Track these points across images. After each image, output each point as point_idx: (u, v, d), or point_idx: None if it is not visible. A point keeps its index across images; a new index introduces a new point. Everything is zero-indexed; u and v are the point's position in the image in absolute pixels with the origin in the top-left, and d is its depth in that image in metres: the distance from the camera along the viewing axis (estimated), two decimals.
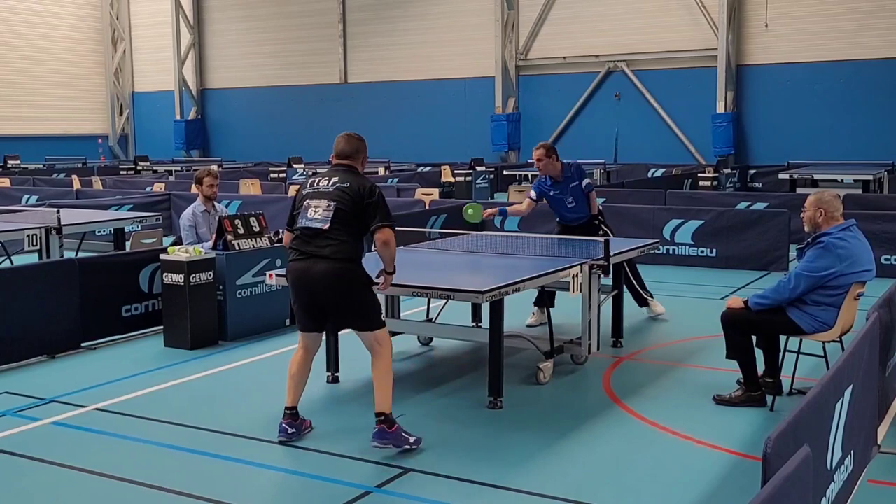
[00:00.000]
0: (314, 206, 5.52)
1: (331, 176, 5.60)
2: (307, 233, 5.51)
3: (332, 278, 5.45)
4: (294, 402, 5.73)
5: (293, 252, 5.61)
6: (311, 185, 5.66)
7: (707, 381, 6.82)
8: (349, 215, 5.47)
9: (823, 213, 5.99)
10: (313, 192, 5.59)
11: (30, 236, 9.73)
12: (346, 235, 5.47)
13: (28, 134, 31.30)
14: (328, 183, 5.56)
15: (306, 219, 5.53)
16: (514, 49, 27.19)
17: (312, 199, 5.56)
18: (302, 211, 5.58)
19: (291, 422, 5.68)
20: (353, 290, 5.53)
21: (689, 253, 12.48)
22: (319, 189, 5.57)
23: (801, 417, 3.43)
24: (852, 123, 22.47)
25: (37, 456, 5.45)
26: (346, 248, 5.46)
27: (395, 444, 5.40)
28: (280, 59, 31.30)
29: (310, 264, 5.47)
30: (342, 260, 5.45)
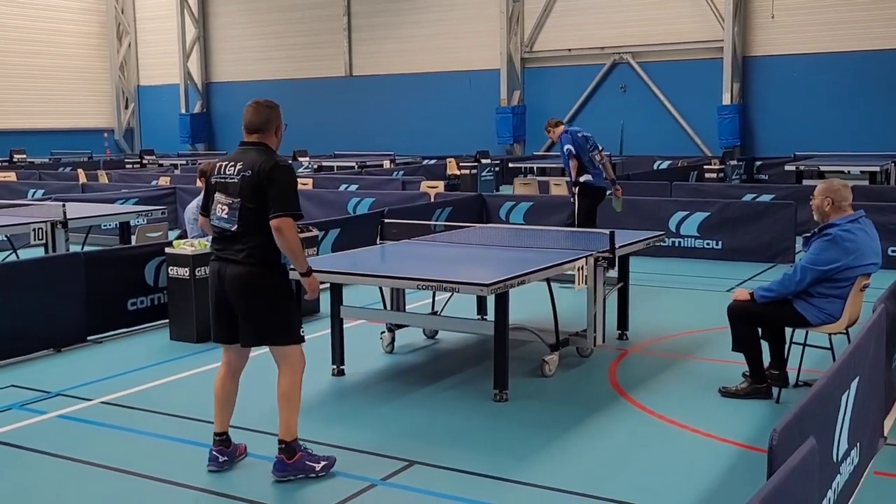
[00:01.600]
0: (221, 201, 4.92)
1: (237, 160, 4.91)
2: (218, 232, 4.97)
3: (240, 283, 4.86)
4: (222, 428, 5.13)
5: (211, 249, 5.09)
6: (218, 172, 4.97)
7: (713, 373, 6.81)
8: (255, 211, 4.80)
9: (831, 203, 5.96)
10: (220, 183, 4.94)
11: (36, 230, 9.74)
12: (257, 235, 4.81)
13: (34, 128, 31.35)
14: (234, 170, 4.88)
15: (216, 217, 4.95)
16: (520, 41, 27.13)
17: (219, 192, 4.93)
18: (212, 205, 4.99)
19: (223, 449, 5.10)
20: (263, 298, 4.89)
21: (695, 245, 12.45)
22: (225, 178, 4.91)
23: (806, 409, 3.42)
24: (859, 114, 22.38)
25: (43, 449, 5.46)
26: (259, 251, 4.83)
27: (297, 475, 4.93)
28: (285, 52, 31.28)
29: (221, 266, 4.93)
30: (253, 264, 4.84)
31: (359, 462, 5.21)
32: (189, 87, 33.55)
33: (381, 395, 6.52)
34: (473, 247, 7.80)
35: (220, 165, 5.00)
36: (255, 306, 4.91)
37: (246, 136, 4.99)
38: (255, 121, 4.97)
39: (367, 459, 5.25)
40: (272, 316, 4.95)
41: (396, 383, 6.83)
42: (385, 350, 7.60)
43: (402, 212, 11.87)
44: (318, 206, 15.06)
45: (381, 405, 6.29)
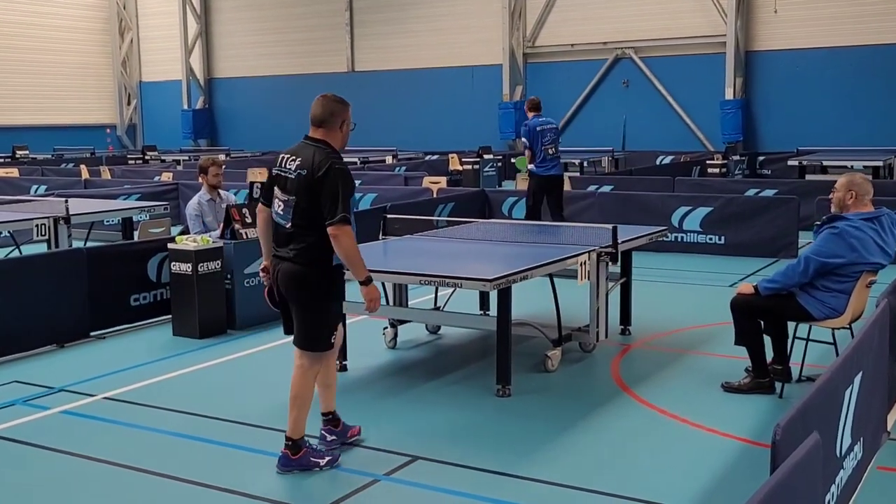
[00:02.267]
0: (278, 197, 4.90)
1: (297, 154, 4.87)
2: (276, 228, 4.98)
3: (288, 281, 4.89)
4: (327, 408, 5.29)
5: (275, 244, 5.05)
6: (280, 164, 4.94)
7: (715, 368, 6.80)
8: (309, 211, 4.76)
9: (854, 196, 5.91)
10: (280, 176, 4.91)
11: (38, 226, 9.75)
12: (310, 234, 4.79)
13: (36, 124, 31.34)
14: (293, 166, 4.84)
15: (274, 212, 4.95)
16: (522, 36, 27.09)
17: (279, 187, 4.92)
18: (273, 198, 4.97)
19: (331, 428, 5.30)
20: (302, 297, 4.89)
21: (698, 240, 12.43)
22: (285, 173, 4.88)
23: (810, 404, 3.42)
24: (862, 109, 22.33)
25: (46, 445, 5.47)
26: (309, 251, 4.81)
27: (301, 469, 4.97)
28: (287, 47, 31.25)
29: (277, 262, 4.97)
30: (302, 263, 4.83)
31: (362, 457, 5.21)
32: (191, 83, 33.53)
33: (384, 391, 6.52)
34: (476, 242, 7.80)
35: (283, 157, 4.93)
36: (296, 305, 4.92)
37: (311, 131, 4.93)
38: (319, 114, 4.89)
39: (370, 455, 5.25)
40: (306, 316, 4.93)
41: (399, 379, 6.83)
42: (388, 346, 7.60)
43: (404, 207, 11.86)
44: None
45: (383, 401, 6.29)
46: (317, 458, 5.03)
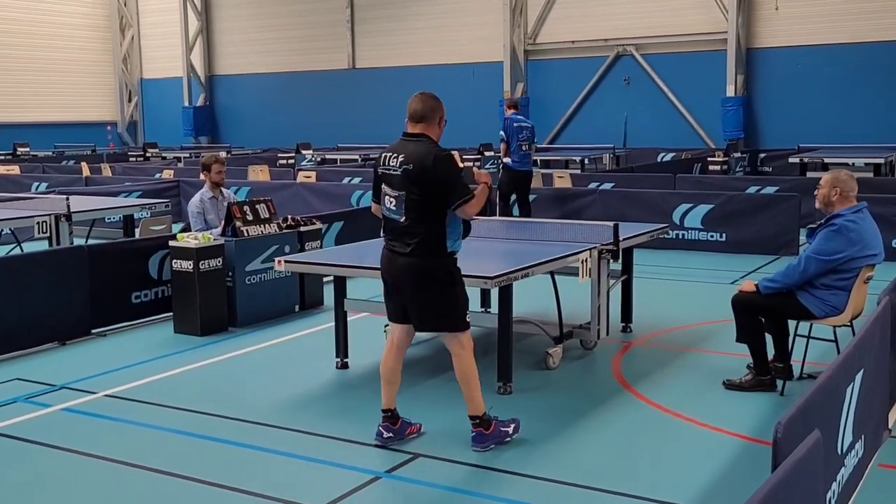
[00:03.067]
0: (388, 193, 5.07)
1: (399, 151, 5.05)
2: (389, 223, 5.13)
3: (409, 274, 5.06)
4: (389, 404, 5.36)
5: (384, 238, 5.24)
6: (384, 163, 5.11)
7: (717, 365, 6.80)
8: (420, 203, 4.95)
9: (839, 193, 5.95)
10: (385, 174, 5.10)
11: (39, 223, 9.75)
12: (424, 227, 4.98)
13: (37, 121, 31.34)
14: (397, 162, 5.02)
15: (385, 207, 5.12)
16: (523, 33, 27.06)
17: (386, 184, 5.09)
18: (382, 195, 5.15)
19: (389, 425, 5.34)
20: (431, 288, 5.07)
21: (699, 237, 12.43)
22: (390, 170, 5.05)
23: (811, 402, 3.42)
24: (864, 107, 22.30)
25: (48, 442, 5.48)
26: (426, 243, 5.00)
27: (497, 443, 5.22)
28: (288, 44, 31.22)
29: (393, 256, 5.13)
30: (420, 255, 5.01)
31: (363, 455, 5.22)
32: (192, 80, 33.50)
33: None
34: (477, 239, 7.78)
35: (386, 156, 5.10)
36: (423, 295, 5.10)
37: (410, 127, 5.11)
38: (420, 109, 5.09)
39: (372, 452, 5.26)
40: (439, 305, 5.13)
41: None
42: None
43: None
44: (321, 199, 15.07)
45: None
46: (505, 427, 5.29)
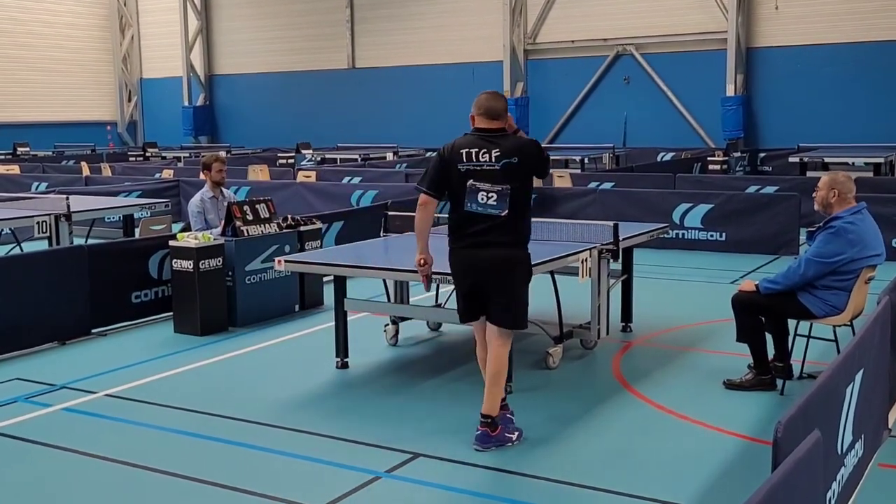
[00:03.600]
0: (485, 189, 5.04)
1: (489, 146, 5.08)
2: (478, 219, 5.10)
3: (504, 264, 5.15)
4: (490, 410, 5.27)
5: (461, 235, 5.19)
6: (469, 160, 5.08)
7: (717, 365, 6.80)
8: (521, 195, 5.11)
9: (837, 194, 5.95)
10: (477, 171, 5.06)
11: (39, 223, 9.75)
12: (520, 218, 5.15)
13: (37, 121, 31.33)
14: (490, 157, 5.05)
15: (477, 204, 5.06)
16: (523, 33, 27.05)
17: (479, 181, 5.05)
18: (469, 193, 5.07)
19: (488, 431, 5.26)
20: (518, 277, 5.21)
21: (699, 237, 12.43)
22: (482, 165, 5.05)
23: (811, 402, 3.42)
24: (863, 106, 22.29)
25: (48, 442, 5.47)
26: (521, 234, 5.20)
27: (497, 446, 5.22)
28: (288, 44, 31.21)
29: (479, 251, 5.14)
30: (516, 245, 5.19)
31: (363, 454, 5.22)
32: (192, 80, 33.49)
33: (385, 388, 6.52)
34: None
35: (468, 153, 5.10)
36: (514, 286, 5.20)
37: (486, 123, 5.17)
38: (496, 107, 5.19)
39: (372, 452, 5.26)
40: (516, 296, 5.24)
41: (400, 376, 6.84)
42: (389, 342, 7.60)
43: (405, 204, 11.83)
44: (321, 199, 15.07)
45: (384, 397, 6.29)
46: (510, 433, 5.29)
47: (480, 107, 5.19)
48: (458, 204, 5.17)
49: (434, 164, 5.25)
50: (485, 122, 5.18)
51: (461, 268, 5.28)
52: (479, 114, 5.19)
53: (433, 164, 5.27)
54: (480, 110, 5.18)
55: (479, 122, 5.20)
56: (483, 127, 5.18)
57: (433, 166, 5.26)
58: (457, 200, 5.17)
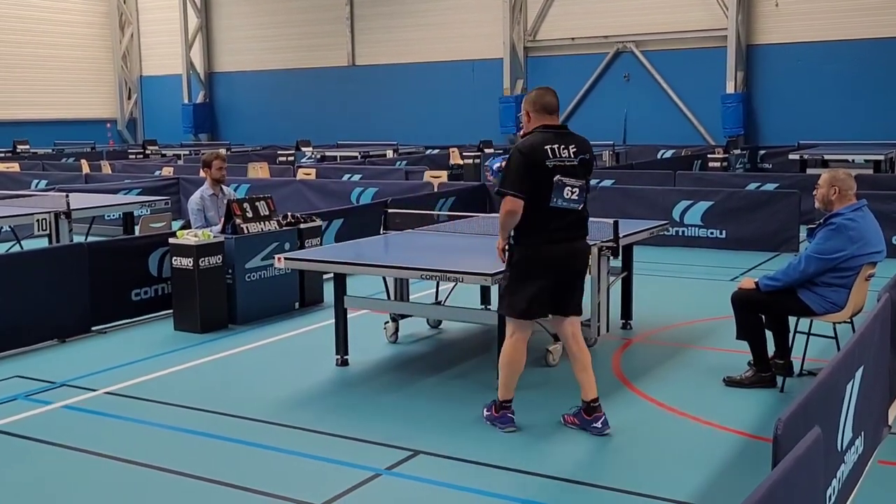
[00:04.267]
0: (570, 184, 5.15)
1: (565, 142, 5.20)
2: (563, 214, 5.19)
3: (585, 258, 5.46)
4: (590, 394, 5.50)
5: (541, 231, 5.19)
6: (554, 156, 5.14)
7: (717, 362, 6.81)
8: (588, 190, 5.36)
9: (837, 192, 5.95)
10: (561, 166, 5.14)
11: (39, 221, 9.75)
12: (587, 211, 5.38)
13: (37, 119, 31.32)
14: (569, 153, 5.17)
15: (563, 199, 5.15)
16: (523, 30, 27.04)
17: (565, 176, 5.14)
18: (556, 188, 5.13)
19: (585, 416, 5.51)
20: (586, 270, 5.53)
21: (699, 234, 12.43)
22: (564, 161, 5.15)
23: (811, 399, 3.42)
24: (863, 103, 22.29)
25: (48, 439, 5.48)
26: (587, 227, 5.45)
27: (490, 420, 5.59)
28: (288, 41, 31.20)
29: (570, 245, 5.28)
30: (586, 238, 5.47)
31: (363, 452, 5.22)
32: (192, 77, 33.49)
33: (385, 385, 6.53)
34: (477, 236, 7.79)
35: (551, 149, 5.14)
36: (584, 275, 5.49)
37: (551, 119, 5.28)
38: (555, 102, 5.32)
39: (372, 449, 5.26)
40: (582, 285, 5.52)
41: (400, 373, 6.84)
42: (389, 340, 7.60)
43: (405, 202, 11.86)
44: (321, 196, 15.07)
45: (384, 395, 6.30)
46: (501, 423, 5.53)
47: (544, 104, 5.27)
48: (541, 200, 5.14)
49: (518, 167, 5.15)
50: (550, 119, 5.27)
51: (546, 263, 5.26)
52: (543, 111, 5.26)
53: (516, 167, 5.15)
54: (545, 107, 5.27)
55: (545, 119, 5.27)
56: (551, 124, 5.27)
57: (517, 169, 5.15)
58: (540, 197, 5.14)
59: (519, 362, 5.49)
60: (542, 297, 5.32)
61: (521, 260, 5.28)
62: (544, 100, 5.27)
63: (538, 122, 5.26)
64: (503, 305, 5.53)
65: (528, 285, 5.28)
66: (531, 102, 5.29)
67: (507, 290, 5.42)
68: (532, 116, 5.28)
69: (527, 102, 5.33)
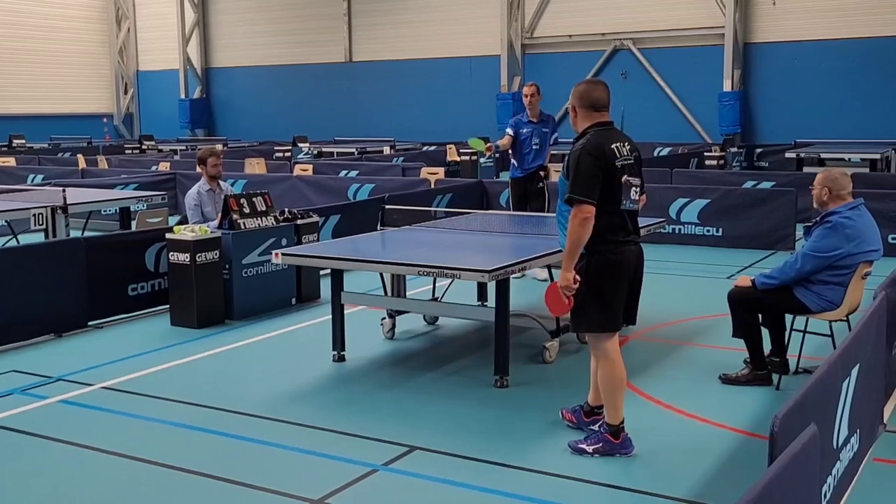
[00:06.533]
0: (634, 184, 4.88)
1: (620, 140, 4.90)
2: (628, 216, 4.92)
3: (643, 259, 5.08)
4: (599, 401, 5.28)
5: (618, 235, 4.88)
6: (621, 154, 4.84)
7: (713, 359, 6.82)
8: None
9: (829, 192, 5.96)
10: (626, 165, 4.85)
11: (36, 215, 9.74)
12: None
13: (33, 113, 31.26)
14: (627, 151, 4.88)
15: (630, 200, 4.87)
16: (520, 27, 27.04)
17: (629, 175, 4.86)
18: (624, 189, 4.83)
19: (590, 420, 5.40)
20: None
21: (696, 232, 12.45)
22: (625, 160, 4.85)
23: (807, 396, 3.43)
24: (860, 102, 22.33)
25: (44, 434, 5.48)
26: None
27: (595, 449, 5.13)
28: (285, 37, 31.17)
29: (635, 249, 4.99)
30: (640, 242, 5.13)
31: (360, 447, 5.23)
32: (188, 73, 33.45)
33: (382, 381, 6.53)
34: (474, 233, 7.80)
35: (615, 148, 4.83)
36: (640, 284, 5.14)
37: (601, 116, 4.95)
38: (606, 98, 4.98)
39: (369, 445, 5.26)
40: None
41: (397, 369, 6.84)
42: (386, 336, 7.60)
43: (402, 198, 11.86)
44: (318, 192, 15.06)
45: (381, 391, 6.30)
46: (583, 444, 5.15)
47: (594, 100, 4.93)
48: (613, 202, 4.80)
49: (588, 170, 4.74)
50: (600, 116, 4.94)
51: (624, 269, 4.93)
52: (592, 108, 4.93)
53: (586, 170, 4.74)
54: (595, 103, 4.93)
55: (596, 116, 4.93)
56: (603, 121, 4.95)
57: (587, 172, 4.74)
58: (612, 198, 4.79)
59: (623, 379, 5.04)
60: (619, 305, 4.95)
61: (601, 268, 4.85)
62: (594, 95, 4.92)
63: (590, 120, 4.92)
64: (590, 323, 4.99)
65: (612, 294, 4.90)
66: (579, 97, 4.94)
67: (591, 306, 4.89)
68: (580, 112, 4.94)
69: (574, 97, 4.96)
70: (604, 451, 5.03)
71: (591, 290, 4.86)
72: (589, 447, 5.06)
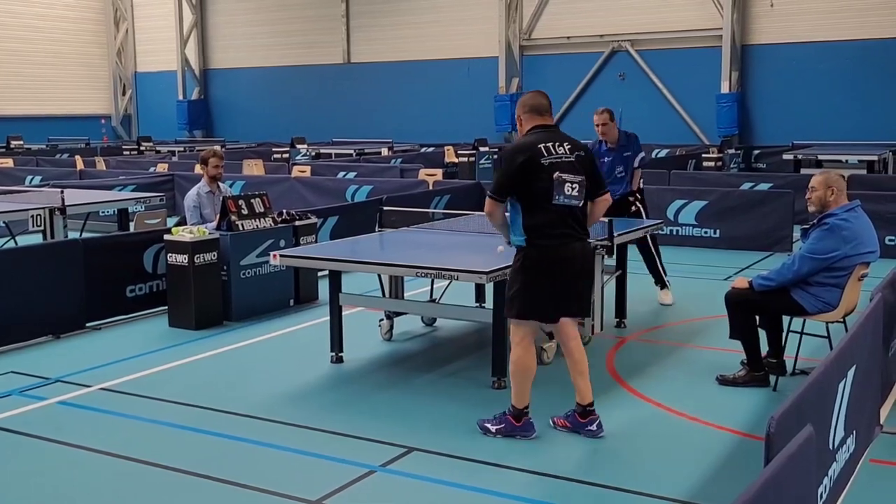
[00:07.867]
0: (569, 180, 5.08)
1: (560, 140, 5.18)
2: (564, 211, 5.11)
3: (590, 257, 5.36)
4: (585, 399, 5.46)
5: (548, 231, 5.10)
6: (549, 153, 5.09)
7: (710, 361, 6.83)
8: (587, 188, 5.21)
9: (834, 192, 5.96)
10: (559, 163, 5.08)
11: (34, 217, 9.74)
12: (585, 211, 5.25)
13: (31, 114, 31.22)
14: (565, 150, 5.14)
15: (564, 196, 5.07)
16: (518, 29, 27.05)
17: (564, 172, 5.07)
18: (556, 185, 5.04)
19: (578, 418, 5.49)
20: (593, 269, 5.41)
21: (693, 234, 12.46)
22: (561, 158, 5.10)
23: (804, 397, 3.44)
24: (857, 104, 22.34)
25: (42, 435, 5.48)
26: (587, 225, 5.31)
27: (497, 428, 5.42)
28: (283, 38, 31.16)
29: (574, 244, 5.16)
30: (587, 237, 5.33)
31: (358, 448, 5.23)
32: (187, 74, 33.42)
33: (380, 382, 6.54)
34: (472, 234, 7.81)
35: (546, 146, 5.11)
36: (590, 278, 5.41)
37: (544, 120, 5.28)
38: (546, 103, 5.32)
39: (367, 446, 5.27)
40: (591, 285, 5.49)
41: (395, 370, 6.85)
42: (383, 337, 7.61)
43: (400, 199, 11.87)
44: (316, 194, 15.07)
45: (379, 392, 6.31)
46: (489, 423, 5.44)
47: (534, 106, 5.28)
48: (543, 199, 5.07)
49: (505, 169, 5.17)
50: (542, 119, 5.27)
51: (556, 265, 5.14)
52: (534, 112, 5.27)
53: (504, 168, 5.18)
54: (535, 109, 5.27)
55: (537, 120, 5.27)
56: (542, 123, 5.27)
57: (504, 171, 5.18)
58: (542, 196, 5.07)
59: (532, 368, 5.35)
60: (551, 298, 5.20)
61: (530, 261, 5.15)
62: (534, 101, 5.29)
63: (531, 124, 5.27)
64: (511, 310, 5.29)
65: (538, 287, 5.16)
66: (522, 104, 5.31)
67: (516, 294, 5.22)
68: (524, 119, 5.29)
69: (519, 106, 5.34)
70: (506, 432, 5.35)
71: (520, 279, 5.20)
72: (493, 427, 5.39)
